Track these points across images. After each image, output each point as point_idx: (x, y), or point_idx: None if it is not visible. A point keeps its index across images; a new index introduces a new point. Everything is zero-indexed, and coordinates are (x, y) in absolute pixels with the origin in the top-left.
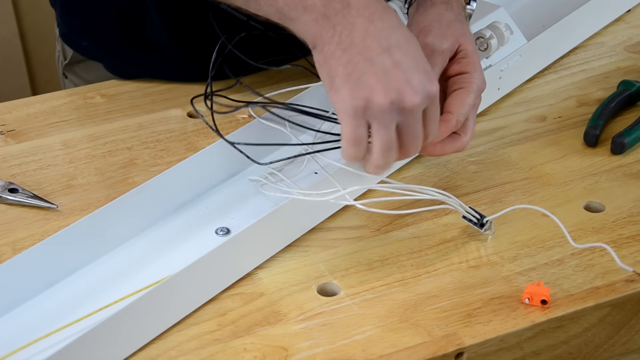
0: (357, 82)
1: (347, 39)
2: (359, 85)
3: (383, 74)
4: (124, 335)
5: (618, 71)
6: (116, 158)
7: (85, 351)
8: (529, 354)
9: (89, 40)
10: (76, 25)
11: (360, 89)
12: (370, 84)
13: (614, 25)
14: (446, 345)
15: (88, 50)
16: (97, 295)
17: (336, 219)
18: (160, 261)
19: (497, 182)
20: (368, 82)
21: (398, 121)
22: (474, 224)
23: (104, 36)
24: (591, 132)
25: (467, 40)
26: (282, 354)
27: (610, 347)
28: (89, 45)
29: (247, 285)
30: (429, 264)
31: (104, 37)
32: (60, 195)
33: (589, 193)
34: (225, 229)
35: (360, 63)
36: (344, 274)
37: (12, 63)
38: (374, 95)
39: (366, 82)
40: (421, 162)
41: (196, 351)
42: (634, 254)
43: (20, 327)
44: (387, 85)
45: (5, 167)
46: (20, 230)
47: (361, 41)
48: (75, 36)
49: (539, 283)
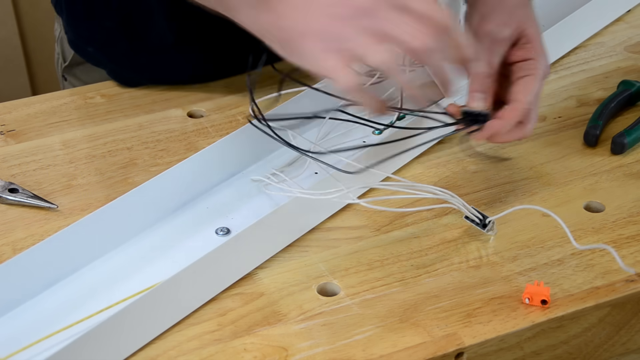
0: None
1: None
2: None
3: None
4: (124, 335)
5: (618, 71)
6: (116, 158)
7: (85, 351)
8: (529, 354)
9: (95, 47)
10: (82, 31)
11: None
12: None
13: (614, 25)
14: (446, 345)
15: (93, 57)
16: (97, 295)
17: (336, 219)
18: (161, 261)
19: (497, 182)
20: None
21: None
22: (477, 225)
23: (110, 42)
24: (591, 132)
25: (531, 25)
26: (282, 354)
27: (610, 347)
28: (94, 51)
29: (247, 285)
30: (429, 264)
31: (109, 43)
32: (60, 195)
33: (589, 193)
34: (225, 229)
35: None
36: (344, 274)
37: (12, 63)
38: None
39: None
40: (421, 162)
41: (196, 351)
42: (634, 254)
43: (21, 327)
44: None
45: (5, 167)
46: (20, 230)
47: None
48: (81, 42)
49: (539, 283)
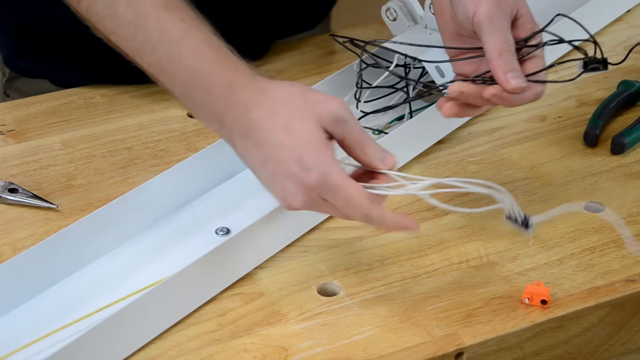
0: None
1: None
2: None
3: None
4: (124, 335)
5: (618, 71)
6: (116, 158)
7: (85, 351)
8: (529, 354)
9: (27, 60)
10: (10, 46)
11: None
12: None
13: (614, 25)
14: (446, 345)
15: (29, 70)
16: (97, 295)
17: (336, 219)
18: (161, 261)
19: (497, 182)
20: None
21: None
22: (518, 224)
23: (46, 55)
24: (591, 132)
25: (523, 2)
26: (282, 354)
27: (610, 347)
28: (28, 64)
29: (247, 285)
30: (429, 264)
31: (46, 56)
32: (60, 195)
33: (589, 193)
34: (225, 229)
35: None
36: (344, 274)
37: None
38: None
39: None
40: (421, 162)
41: (196, 351)
42: (634, 254)
43: (20, 327)
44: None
45: (5, 167)
46: (20, 230)
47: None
48: (12, 57)
49: (539, 283)
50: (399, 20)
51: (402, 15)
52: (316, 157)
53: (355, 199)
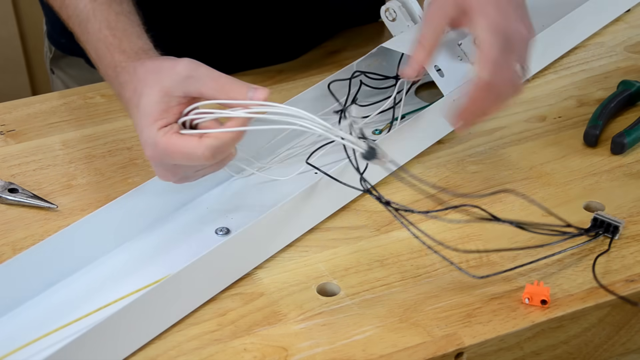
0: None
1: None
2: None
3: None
4: (123, 335)
5: (618, 71)
6: (116, 158)
7: (85, 351)
8: (529, 354)
9: (67, 37)
10: (55, 22)
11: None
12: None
13: (614, 25)
14: (446, 345)
15: (67, 47)
16: (97, 295)
17: (336, 219)
18: (160, 261)
19: (497, 182)
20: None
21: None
22: (375, 156)
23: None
24: (591, 132)
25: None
26: (282, 354)
27: (610, 347)
28: (67, 42)
29: (247, 285)
30: (429, 264)
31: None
32: (60, 195)
33: (589, 193)
34: (225, 229)
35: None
36: (344, 274)
37: (12, 63)
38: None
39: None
40: (421, 162)
41: (196, 351)
42: (634, 254)
43: (20, 327)
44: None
45: (5, 167)
46: (20, 230)
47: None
48: (55, 34)
49: (539, 283)
50: (398, 21)
51: (401, 16)
52: (147, 129)
53: (188, 149)
